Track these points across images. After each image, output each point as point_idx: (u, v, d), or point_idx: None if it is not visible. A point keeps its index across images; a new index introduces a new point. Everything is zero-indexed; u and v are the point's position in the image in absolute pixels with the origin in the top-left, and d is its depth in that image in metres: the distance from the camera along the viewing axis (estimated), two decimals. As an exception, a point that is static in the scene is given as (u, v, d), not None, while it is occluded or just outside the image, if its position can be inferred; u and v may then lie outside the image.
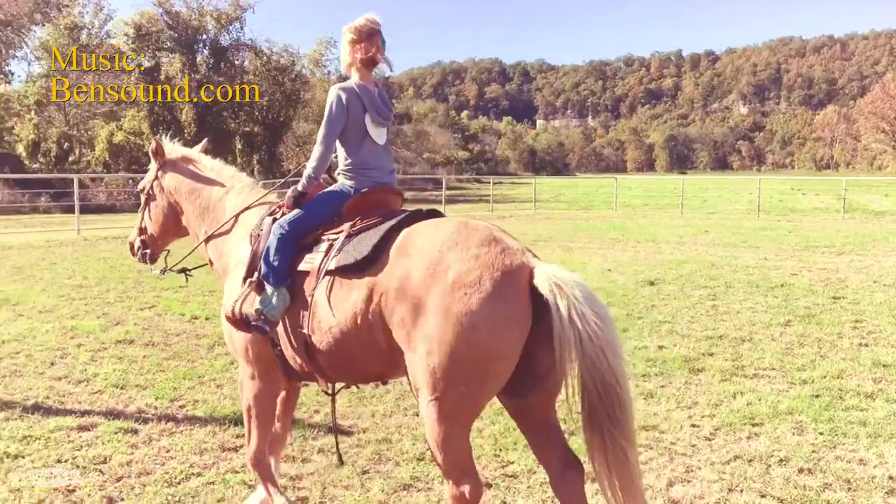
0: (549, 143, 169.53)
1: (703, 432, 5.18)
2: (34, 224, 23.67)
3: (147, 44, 46.56)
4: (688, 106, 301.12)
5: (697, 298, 10.10)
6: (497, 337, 2.82)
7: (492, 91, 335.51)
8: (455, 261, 2.91)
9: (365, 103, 3.64)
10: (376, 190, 3.70)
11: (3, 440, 4.87)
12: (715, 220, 25.31)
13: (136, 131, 44.08)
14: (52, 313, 8.95)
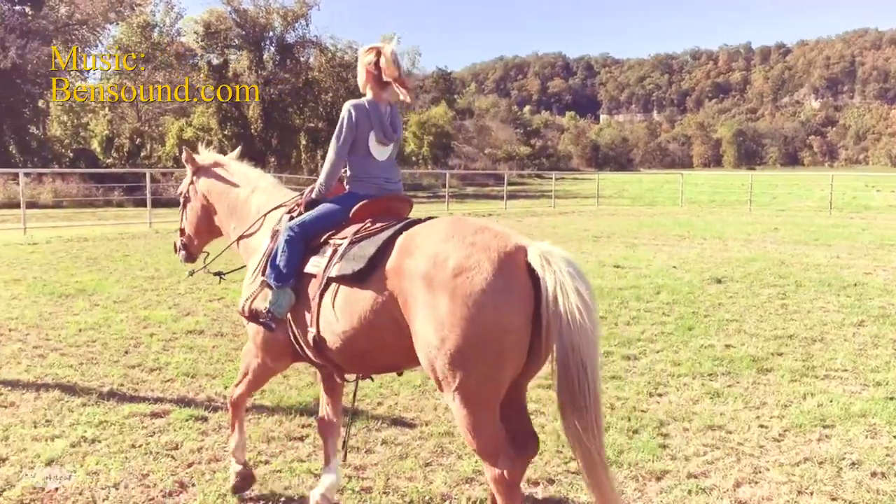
0: (613, 138, 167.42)
1: (772, 433, 5.07)
2: (108, 217, 24.47)
3: (216, 41, 47.66)
4: (757, 100, 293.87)
5: (766, 297, 9.88)
6: (503, 312, 2.92)
7: (555, 86, 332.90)
8: (453, 250, 3.05)
9: (372, 121, 3.85)
10: (384, 197, 3.90)
11: (80, 425, 5.06)
12: (785, 218, 24.67)
13: (205, 127, 45.15)
14: (126, 303, 9.25)
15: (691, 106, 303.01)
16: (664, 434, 5.03)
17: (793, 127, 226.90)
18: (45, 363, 6.54)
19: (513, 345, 2.98)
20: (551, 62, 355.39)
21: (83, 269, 12.02)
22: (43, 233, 17.78)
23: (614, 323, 8.30)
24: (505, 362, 3.00)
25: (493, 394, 3.04)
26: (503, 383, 3.06)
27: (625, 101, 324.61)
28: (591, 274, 11.67)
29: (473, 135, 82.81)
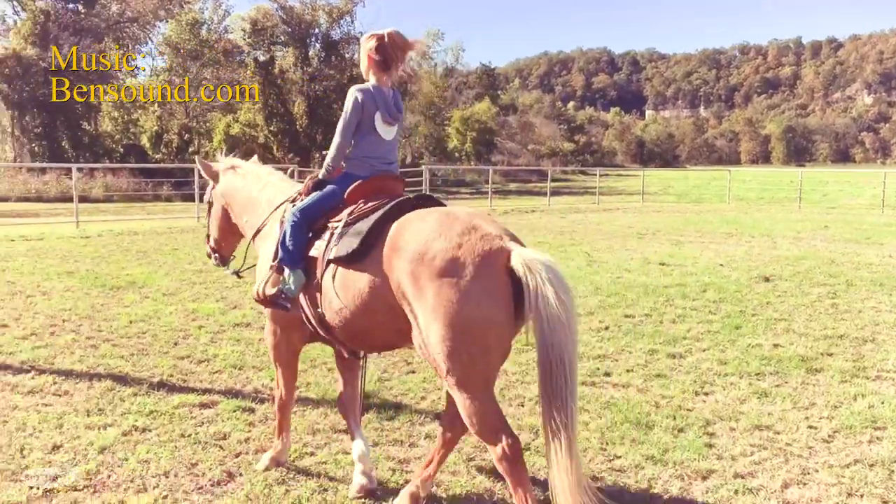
0: (659, 134, 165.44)
1: (821, 434, 4.98)
2: (157, 211, 24.94)
3: (262, 38, 48.20)
4: (807, 95, 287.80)
5: (816, 296, 9.69)
6: (485, 310, 3.16)
7: (599, 81, 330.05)
8: (440, 250, 3.25)
9: (378, 103, 4.02)
10: (376, 177, 4.06)
11: (131, 414, 5.18)
12: (835, 215, 24.15)
13: (251, 123, 45.76)
14: (175, 296, 9.42)
15: (739, 101, 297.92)
16: (710, 433, 4.97)
17: (844, 123, 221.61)
18: (98, 353, 6.71)
19: (496, 337, 3.24)
20: (596, 57, 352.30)
21: (133, 262, 12.28)
22: (95, 226, 18.20)
23: (659, 321, 8.22)
24: (490, 353, 3.25)
25: (483, 380, 3.27)
26: (492, 371, 3.34)
27: (671, 96, 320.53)
28: (636, 272, 11.58)
29: (517, 131, 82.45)
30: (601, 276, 11.09)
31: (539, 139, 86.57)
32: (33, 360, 6.44)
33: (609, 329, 7.84)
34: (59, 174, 31.61)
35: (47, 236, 15.79)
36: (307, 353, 6.63)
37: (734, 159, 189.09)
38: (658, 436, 4.88)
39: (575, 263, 12.42)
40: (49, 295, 9.33)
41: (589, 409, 5.40)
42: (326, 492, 4.10)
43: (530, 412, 5.30)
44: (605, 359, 6.70)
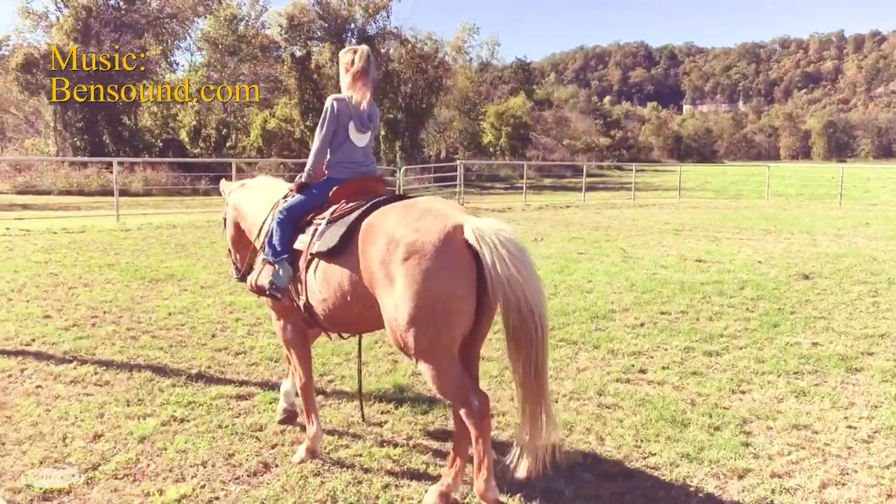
0: (696, 129, 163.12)
1: (861, 434, 4.91)
2: (195, 205, 25.25)
3: (299, 34, 48.57)
4: (849, 90, 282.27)
5: (856, 294, 9.52)
6: (448, 284, 3.50)
7: (636, 75, 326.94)
8: (402, 236, 3.61)
9: (351, 112, 4.42)
10: (356, 179, 4.45)
11: (170, 405, 5.27)
12: (877, 212, 23.67)
13: (287, 118, 46.08)
14: (213, 289, 9.55)
15: (779, 96, 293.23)
16: (747, 432, 4.92)
17: (887, 118, 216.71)
18: (137, 345, 6.83)
19: (459, 309, 3.55)
20: (633, 51, 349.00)
21: (172, 255, 12.47)
22: (134, 219, 18.50)
23: (696, 318, 8.14)
24: (454, 324, 3.57)
25: (448, 350, 3.60)
26: (455, 341, 3.63)
27: (709, 91, 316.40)
28: (673, 268, 11.47)
29: (552, 126, 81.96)
30: (637, 273, 11.01)
31: (574, 134, 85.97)
32: (75, 350, 6.58)
33: (644, 326, 7.78)
34: (100, 168, 32.14)
35: (89, 229, 16.08)
36: (342, 347, 6.70)
37: (773, 155, 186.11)
38: (694, 434, 4.84)
39: (610, 259, 12.34)
40: (90, 287, 9.51)
41: (623, 405, 5.38)
42: (361, 484, 4.13)
43: (564, 408, 5.28)
44: (641, 356, 6.65)
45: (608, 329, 7.65)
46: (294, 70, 45.38)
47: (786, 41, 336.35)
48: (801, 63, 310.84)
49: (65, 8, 41.47)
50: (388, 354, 6.62)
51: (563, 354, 6.69)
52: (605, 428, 4.96)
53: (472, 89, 64.23)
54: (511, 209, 24.62)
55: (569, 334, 7.39)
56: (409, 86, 50.06)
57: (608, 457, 4.52)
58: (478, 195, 33.98)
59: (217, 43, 49.69)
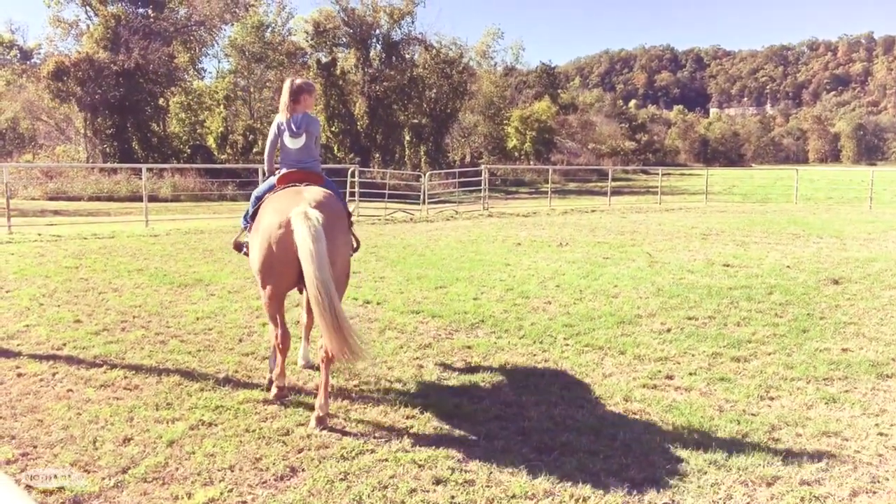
0: (723, 133, 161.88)
1: (892, 442, 4.84)
2: (222, 210, 25.49)
3: (324, 40, 48.88)
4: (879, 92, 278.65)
5: (887, 299, 9.39)
6: (280, 251, 5.13)
7: (662, 79, 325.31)
8: (264, 214, 5.42)
9: (283, 126, 5.96)
10: (293, 171, 5.93)
11: (198, 409, 5.32)
12: (909, 216, 23.32)
13: (313, 124, 46.31)
14: (240, 293, 9.62)
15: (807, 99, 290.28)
16: (775, 439, 4.87)
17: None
18: (166, 349, 6.90)
19: (284, 269, 5.18)
20: (658, 55, 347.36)
21: (200, 260, 12.59)
22: (163, 225, 18.71)
23: (723, 323, 8.07)
24: (278, 276, 5.28)
25: (277, 294, 5.41)
26: (283, 290, 5.46)
27: (736, 94, 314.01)
28: (699, 273, 11.38)
29: (577, 130, 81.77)
30: (663, 278, 10.94)
31: (599, 138, 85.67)
32: (105, 354, 6.67)
33: (671, 331, 7.73)
34: (129, 174, 32.58)
35: (118, 234, 16.30)
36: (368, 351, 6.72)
37: (802, 158, 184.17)
38: (722, 440, 4.80)
39: (636, 264, 12.28)
40: (120, 291, 9.63)
41: (650, 411, 5.34)
42: (387, 489, 4.14)
43: (590, 413, 5.26)
44: (668, 361, 6.61)
45: (634, 334, 7.61)
46: (319, 76, 45.68)
47: (814, 43, 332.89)
48: (830, 65, 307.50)
49: (95, 16, 42.11)
50: (414, 360, 6.65)
51: (589, 360, 6.66)
52: (632, 434, 4.93)
53: (496, 94, 64.28)
54: (536, 213, 24.57)
55: (594, 339, 7.37)
56: (433, 91, 50.17)
57: (635, 463, 4.49)
58: (503, 200, 33.97)
59: (244, 50, 50.18)
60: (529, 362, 6.59)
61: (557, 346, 7.12)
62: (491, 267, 11.93)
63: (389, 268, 10.90)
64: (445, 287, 10.12)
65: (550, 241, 15.85)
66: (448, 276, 10.86)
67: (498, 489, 4.16)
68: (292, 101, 5.95)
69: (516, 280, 10.75)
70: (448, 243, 14.58)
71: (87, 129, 41.65)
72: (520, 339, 7.43)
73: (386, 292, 9.71)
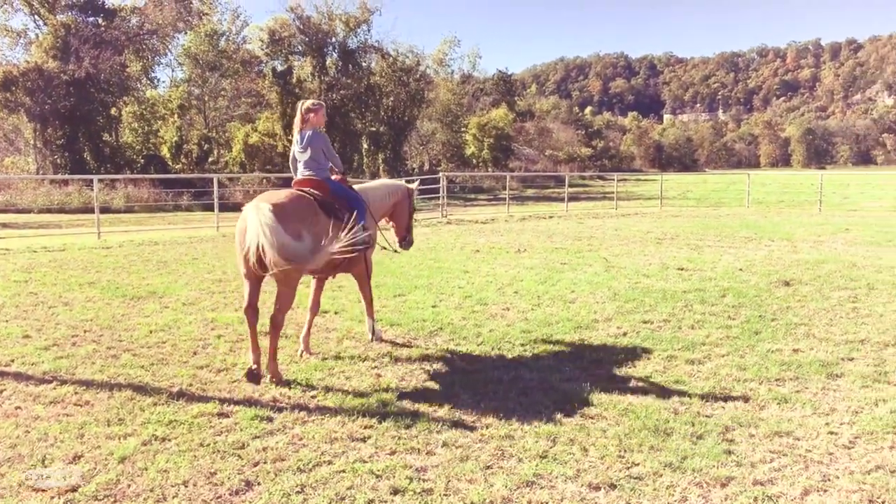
0: (677, 139, 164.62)
1: (842, 440, 4.94)
2: (177, 221, 25.13)
3: (280, 48, 48.53)
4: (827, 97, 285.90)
5: (837, 300, 9.60)
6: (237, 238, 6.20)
7: (616, 86, 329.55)
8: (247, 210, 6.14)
9: (295, 142, 7.16)
10: (299, 179, 7.07)
11: (151, 424, 5.22)
12: (856, 218, 23.91)
13: (269, 132, 46.00)
14: (195, 305, 9.49)
15: (758, 104, 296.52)
16: (729, 440, 4.94)
17: (865, 125, 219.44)
18: (118, 363, 6.77)
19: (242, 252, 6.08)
20: (613, 62, 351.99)
21: (154, 272, 12.39)
22: (116, 237, 18.39)
23: (678, 326, 8.18)
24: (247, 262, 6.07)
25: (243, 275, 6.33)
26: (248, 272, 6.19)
27: (689, 100, 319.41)
28: (655, 277, 11.52)
29: (534, 136, 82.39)
30: (619, 282, 11.05)
31: (556, 145, 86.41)
32: (55, 370, 6.52)
33: (627, 335, 7.81)
34: (80, 185, 31.96)
35: (69, 247, 15.97)
36: (325, 361, 6.69)
37: (753, 162, 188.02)
38: (677, 442, 4.86)
39: (593, 269, 12.39)
40: (71, 305, 9.43)
41: (607, 415, 5.38)
42: (344, 500, 4.11)
43: (547, 419, 5.29)
44: (624, 365, 6.67)
45: (591, 339, 7.67)
46: (276, 84, 45.36)
47: (763, 50, 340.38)
48: (779, 71, 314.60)
49: (44, 25, 41.32)
50: (372, 369, 6.61)
51: (547, 365, 6.70)
52: (589, 438, 4.96)
53: (454, 101, 64.51)
54: (494, 220, 24.67)
55: (552, 345, 7.41)
56: (391, 99, 50.14)
57: (592, 467, 4.52)
58: (461, 207, 34.02)
59: (198, 58, 49.63)
60: (488, 369, 6.60)
61: (515, 353, 7.14)
62: (449, 274, 11.94)
63: (347, 277, 10.83)
64: (404, 295, 10.10)
65: (509, 247, 15.92)
66: (406, 284, 10.84)
67: (456, 497, 4.15)
68: (302, 120, 7.09)
69: (475, 287, 10.77)
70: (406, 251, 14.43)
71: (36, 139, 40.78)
72: (478, 345, 7.44)
73: (344, 301, 9.65)
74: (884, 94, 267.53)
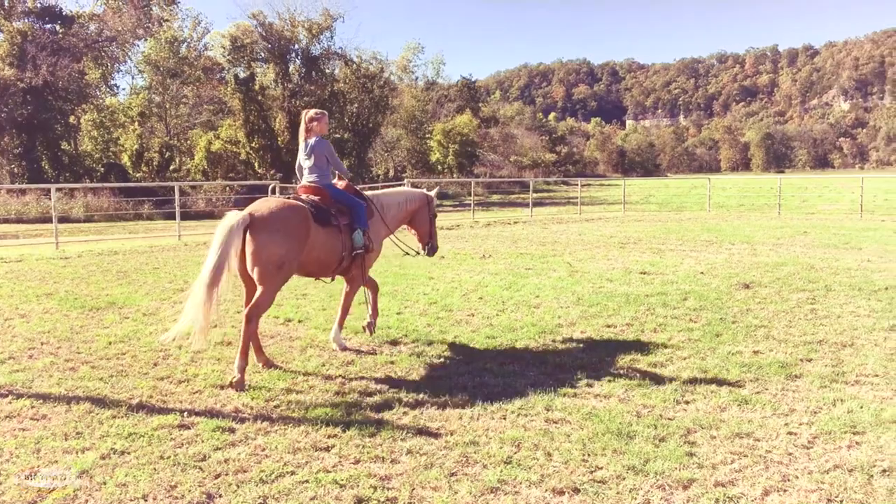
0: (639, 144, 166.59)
1: (801, 440, 5.01)
2: (138, 230, 24.78)
3: (242, 55, 48.16)
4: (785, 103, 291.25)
5: (795, 302, 9.76)
6: None
7: (579, 92, 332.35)
8: None
9: (300, 149, 7.51)
10: (303, 186, 7.39)
11: (110, 437, 5.12)
12: (814, 221, 24.37)
13: (232, 140, 45.59)
14: (155, 316, 9.35)
15: (718, 110, 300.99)
16: (691, 442, 4.99)
17: (822, 129, 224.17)
18: (76, 376, 6.64)
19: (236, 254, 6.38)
20: (575, 68, 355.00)
21: (113, 282, 12.19)
22: (75, 247, 18.06)
23: (640, 330, 8.25)
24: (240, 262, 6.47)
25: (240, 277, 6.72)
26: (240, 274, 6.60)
27: (651, 106, 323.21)
28: (618, 281, 11.61)
29: (498, 143, 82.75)
30: (583, 287, 11.12)
31: (521, 150, 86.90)
32: (11, 384, 6.37)
33: (591, 339, 7.86)
34: (38, 195, 31.35)
35: (26, 258, 15.65)
36: (288, 371, 6.63)
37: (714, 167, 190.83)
38: (639, 445, 4.89)
39: (557, 274, 12.45)
40: (27, 317, 9.24)
41: (571, 420, 5.41)
42: (307, 511, 4.07)
43: (512, 424, 5.30)
44: (587, 369, 6.70)
45: (555, 344, 7.71)
46: (238, 91, 44.97)
47: (723, 56, 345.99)
48: (738, 77, 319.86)
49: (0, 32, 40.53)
50: (336, 377, 6.57)
51: (511, 370, 6.71)
52: (553, 443, 4.97)
53: (418, 108, 64.59)
54: (459, 226, 24.69)
55: (517, 350, 7.43)
56: (355, 105, 50.04)
57: (556, 472, 4.53)
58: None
59: (158, 65, 49.06)
60: (453, 375, 6.59)
61: (480, 359, 7.15)
62: (414, 281, 11.92)
63: (311, 284, 10.75)
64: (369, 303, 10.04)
65: (474, 253, 15.94)
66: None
67: None
68: (306, 129, 7.42)
69: (439, 293, 10.77)
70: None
71: (-8, 148, 39.96)
72: (443, 352, 7.43)
73: (308, 310, 9.59)
74: (840, 98, 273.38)
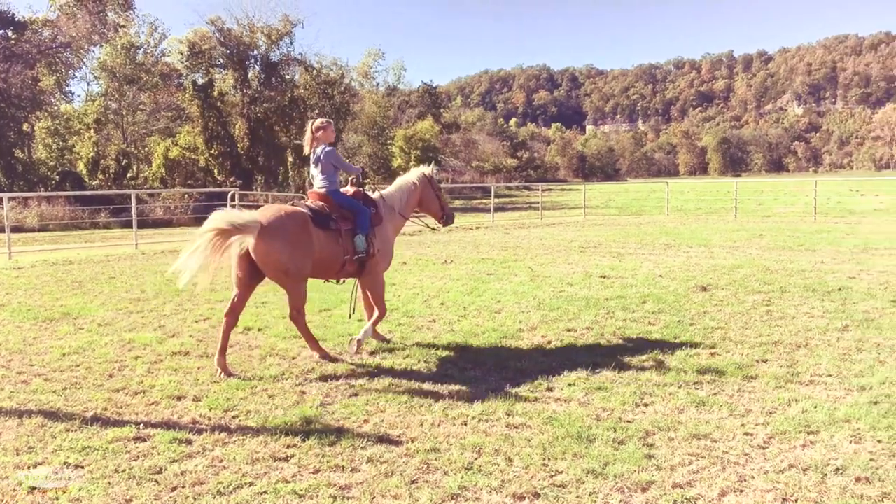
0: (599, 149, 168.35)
1: (757, 441, 5.09)
2: (94, 239, 24.34)
3: (200, 61, 47.64)
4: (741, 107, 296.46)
5: (751, 304, 9.92)
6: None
7: (540, 98, 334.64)
8: None
9: (311, 157, 7.83)
10: (311, 193, 7.70)
11: (63, 451, 5.01)
12: (770, 224, 24.82)
13: (191, 146, 45.04)
14: (111, 326, 9.19)
15: (676, 115, 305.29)
16: (650, 444, 5.03)
17: (777, 133, 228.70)
18: (29, 389, 6.49)
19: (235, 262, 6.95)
20: (536, 74, 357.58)
21: (68, 292, 11.96)
22: (28, 257, 17.69)
23: (600, 333, 8.31)
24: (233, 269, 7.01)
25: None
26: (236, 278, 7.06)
27: (610, 111, 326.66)
28: (578, 285, 11.69)
29: (460, 148, 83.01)
30: (544, 291, 11.18)
31: (482, 156, 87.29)
32: (-40, 398, 6.21)
33: (552, 344, 7.90)
34: (-10, 204, 30.62)
35: (-23, 269, 15.28)
36: (247, 380, 6.56)
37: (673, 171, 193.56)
38: (599, 449, 4.92)
39: (518, 279, 12.50)
40: (-22, 330, 9.02)
41: (531, 424, 5.42)
42: (266, 522, 4.02)
43: (473, 430, 5.30)
44: (548, 373, 6.73)
45: (517, 349, 7.73)
46: (196, 98, 44.47)
47: (680, 62, 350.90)
48: (695, 82, 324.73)
49: (-51, 38, 39.61)
50: (296, 386, 6.51)
51: (473, 376, 6.71)
52: (514, 448, 4.98)
53: (379, 114, 64.53)
54: (421, 232, 24.66)
55: (478, 356, 7.44)
56: (315, 111, 49.72)
57: (516, 477, 4.54)
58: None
59: (115, 72, 48.32)
60: (414, 382, 6.57)
61: (442, 365, 7.14)
62: (375, 287, 11.86)
63: (271, 292, 10.64)
64: (330, 309, 10.00)
65: (435, 258, 15.94)
66: (332, 299, 10.72)
67: None
68: (313, 138, 7.72)
69: (401, 299, 10.74)
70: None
71: (-58, 156, 38.97)
72: (404, 359, 7.41)
73: (268, 318, 9.49)
74: (794, 103, 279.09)
